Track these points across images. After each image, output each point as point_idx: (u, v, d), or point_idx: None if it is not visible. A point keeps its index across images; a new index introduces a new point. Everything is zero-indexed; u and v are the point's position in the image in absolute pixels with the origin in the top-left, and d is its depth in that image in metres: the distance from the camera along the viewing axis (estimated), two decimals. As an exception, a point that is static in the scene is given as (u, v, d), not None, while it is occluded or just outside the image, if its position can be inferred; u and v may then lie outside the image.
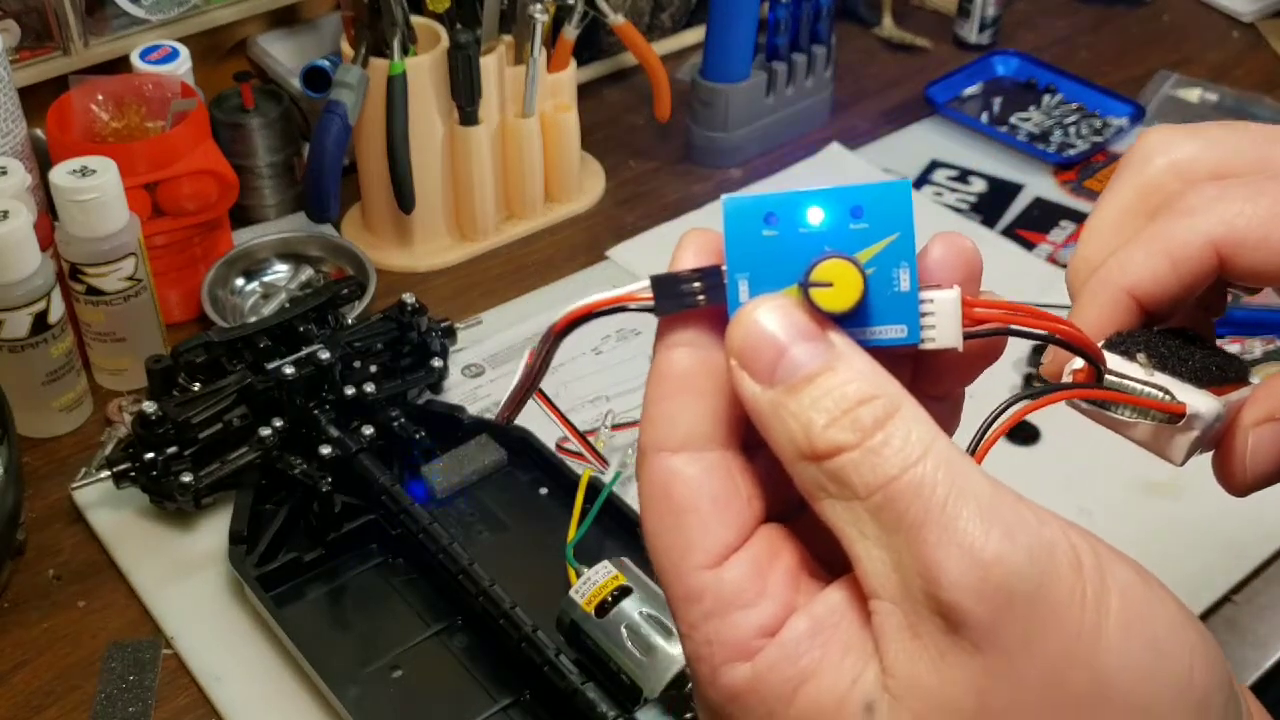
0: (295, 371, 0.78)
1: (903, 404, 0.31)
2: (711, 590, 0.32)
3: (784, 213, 0.33)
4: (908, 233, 0.34)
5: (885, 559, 0.30)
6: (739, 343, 0.32)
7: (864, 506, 0.30)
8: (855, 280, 0.31)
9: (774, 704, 0.31)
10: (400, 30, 0.93)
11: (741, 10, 1.06)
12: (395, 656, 0.71)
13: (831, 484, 0.30)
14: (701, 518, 0.32)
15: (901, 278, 0.33)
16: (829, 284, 0.31)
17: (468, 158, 0.98)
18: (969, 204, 1.08)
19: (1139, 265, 0.42)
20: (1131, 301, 0.42)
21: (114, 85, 0.94)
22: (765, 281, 0.33)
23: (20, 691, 0.72)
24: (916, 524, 0.29)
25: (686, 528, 0.32)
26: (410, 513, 0.74)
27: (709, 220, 1.04)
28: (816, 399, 0.31)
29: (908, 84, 1.22)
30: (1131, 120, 1.16)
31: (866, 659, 0.31)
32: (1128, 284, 0.42)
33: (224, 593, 0.76)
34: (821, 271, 0.31)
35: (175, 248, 0.93)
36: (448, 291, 0.99)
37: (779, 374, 0.31)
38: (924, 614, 0.30)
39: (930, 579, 0.29)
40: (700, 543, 0.32)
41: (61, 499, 0.82)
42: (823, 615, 0.32)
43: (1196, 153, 0.43)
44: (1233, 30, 1.32)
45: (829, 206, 0.33)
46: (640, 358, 0.92)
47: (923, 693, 0.30)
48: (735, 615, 0.32)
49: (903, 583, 0.30)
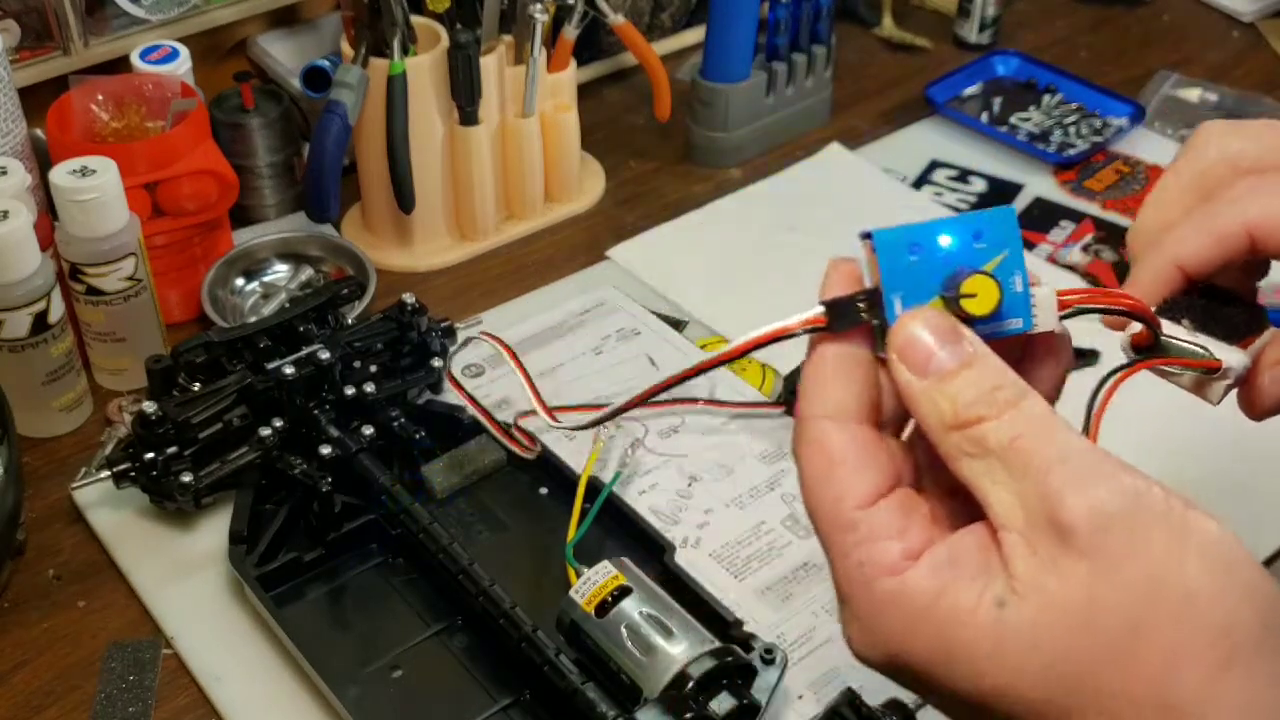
0: (295, 371, 0.78)
1: (1026, 389, 0.41)
2: (865, 523, 0.41)
3: (923, 241, 0.42)
4: (1017, 247, 0.43)
5: (1012, 498, 0.40)
6: (900, 345, 0.42)
7: (998, 459, 0.40)
8: (994, 291, 0.42)
9: (918, 609, 0.40)
10: (400, 30, 0.93)
11: (741, 10, 1.06)
12: (395, 656, 0.72)
13: (971, 446, 0.40)
14: (851, 468, 0.42)
15: (1016, 282, 0.43)
16: (974, 295, 0.42)
17: (468, 158, 0.98)
18: (969, 204, 1.08)
19: (1188, 242, 0.53)
20: (1179, 272, 0.53)
21: (114, 85, 0.94)
22: (913, 296, 0.42)
23: (20, 691, 0.72)
24: (1041, 469, 0.39)
25: (839, 477, 0.42)
26: (410, 513, 0.74)
27: (709, 220, 1.05)
28: (962, 387, 0.41)
29: (908, 84, 1.22)
30: (1131, 120, 1.16)
31: (994, 576, 0.40)
32: (1178, 258, 0.53)
33: (224, 593, 0.76)
34: (968, 285, 0.42)
35: (175, 248, 0.93)
36: (448, 291, 0.99)
37: (931, 368, 0.41)
38: (1042, 535, 0.39)
39: (1052, 505, 0.39)
40: (853, 488, 0.42)
41: (61, 499, 0.82)
42: (957, 547, 0.41)
43: (1243, 147, 0.54)
44: (1232, 30, 1.32)
45: (955, 233, 0.42)
46: (640, 358, 0.92)
47: (1043, 591, 0.39)
48: (885, 543, 0.41)
49: (1026, 514, 0.39)
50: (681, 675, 0.63)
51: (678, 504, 0.81)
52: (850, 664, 0.71)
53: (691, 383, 0.89)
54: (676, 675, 0.63)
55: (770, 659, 0.67)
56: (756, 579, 0.77)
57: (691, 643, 0.65)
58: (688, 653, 0.64)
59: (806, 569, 0.77)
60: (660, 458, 0.84)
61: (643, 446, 0.84)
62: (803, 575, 0.77)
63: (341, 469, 0.77)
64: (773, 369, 0.91)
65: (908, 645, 0.41)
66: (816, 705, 0.69)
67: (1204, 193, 0.54)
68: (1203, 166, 0.55)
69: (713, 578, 0.76)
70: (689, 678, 0.63)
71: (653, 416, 0.87)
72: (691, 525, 0.80)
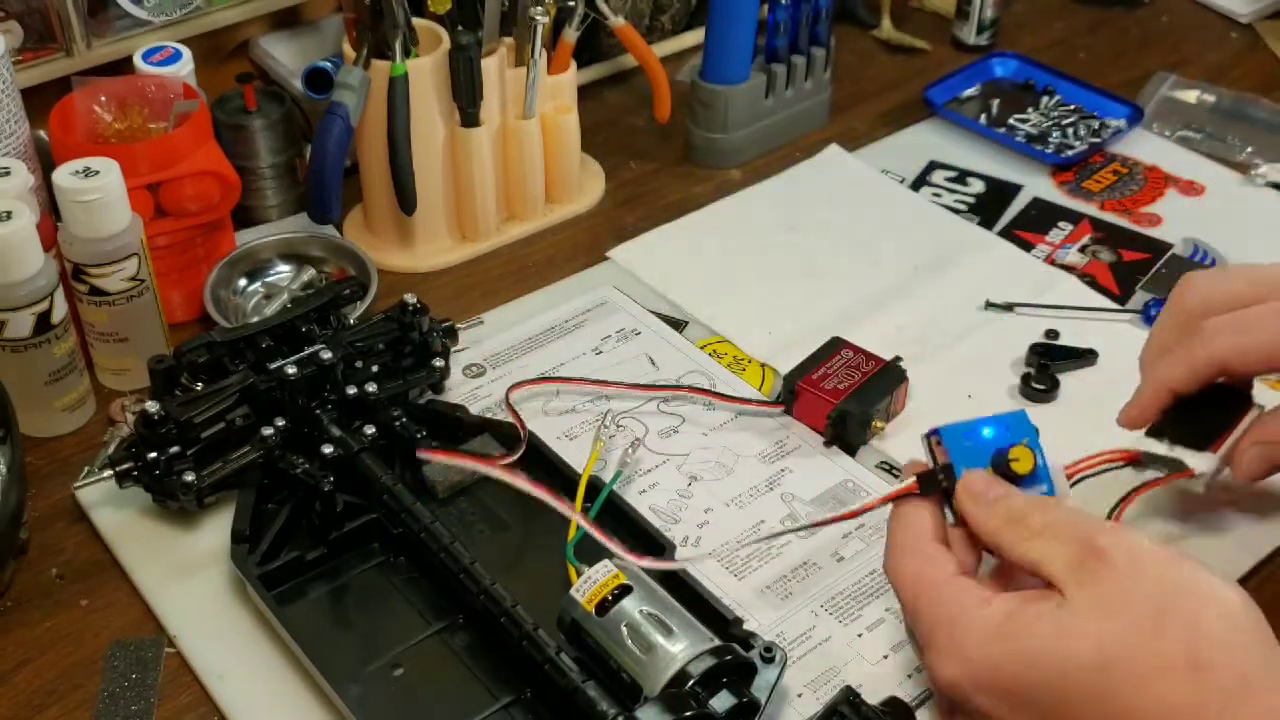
0: (297, 371, 0.79)
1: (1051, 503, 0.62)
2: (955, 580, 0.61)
3: (971, 432, 0.65)
4: (1034, 436, 0.65)
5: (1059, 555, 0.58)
6: (966, 484, 0.63)
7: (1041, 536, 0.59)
8: (1030, 457, 0.64)
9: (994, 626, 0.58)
10: (402, 32, 0.93)
11: (741, 12, 1.06)
12: (397, 655, 0.72)
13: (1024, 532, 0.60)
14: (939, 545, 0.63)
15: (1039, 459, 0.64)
16: (1018, 459, 0.63)
17: (469, 159, 0.99)
18: (967, 205, 1.08)
19: (1175, 372, 0.73)
20: (1170, 392, 0.73)
21: (117, 86, 0.94)
22: (971, 465, 0.64)
23: (23, 690, 0.72)
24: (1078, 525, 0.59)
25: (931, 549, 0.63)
26: (412, 512, 0.75)
27: (709, 221, 1.06)
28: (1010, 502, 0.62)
29: (906, 86, 1.22)
30: (1129, 122, 1.16)
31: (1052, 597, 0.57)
32: (1169, 382, 0.73)
33: (226, 591, 0.76)
34: (1015, 453, 0.63)
35: (178, 248, 0.93)
36: (449, 292, 0.99)
37: (989, 498, 0.62)
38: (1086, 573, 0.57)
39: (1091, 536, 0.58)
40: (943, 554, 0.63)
41: (64, 498, 0.82)
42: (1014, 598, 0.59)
43: (1215, 291, 0.73)
44: (1231, 31, 1.32)
45: (992, 427, 0.65)
46: (640, 358, 0.92)
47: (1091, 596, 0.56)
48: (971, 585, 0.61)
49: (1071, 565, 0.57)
50: (681, 673, 0.64)
51: (678, 503, 0.82)
52: (849, 662, 0.72)
53: (691, 381, 0.90)
54: (676, 673, 0.64)
55: (770, 657, 0.67)
56: (756, 578, 0.77)
57: (691, 641, 0.65)
58: (688, 651, 0.64)
59: (806, 568, 0.78)
60: (660, 457, 0.85)
61: (643, 446, 0.85)
62: (802, 574, 0.77)
63: (343, 468, 0.77)
64: (773, 369, 0.92)
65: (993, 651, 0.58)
66: (816, 703, 0.69)
67: (1185, 330, 0.73)
68: (1184, 308, 0.73)
69: (713, 576, 0.76)
70: (689, 676, 0.63)
71: (653, 416, 0.87)
72: (691, 525, 0.80)
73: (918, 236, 1.04)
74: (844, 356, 0.87)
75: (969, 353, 0.93)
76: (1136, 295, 0.99)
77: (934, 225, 1.06)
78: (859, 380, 0.86)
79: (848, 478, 0.83)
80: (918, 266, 1.01)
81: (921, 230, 1.05)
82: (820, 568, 0.78)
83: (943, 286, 0.99)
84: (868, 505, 0.66)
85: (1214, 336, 0.71)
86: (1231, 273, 0.75)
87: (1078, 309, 0.96)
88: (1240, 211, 1.08)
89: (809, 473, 0.84)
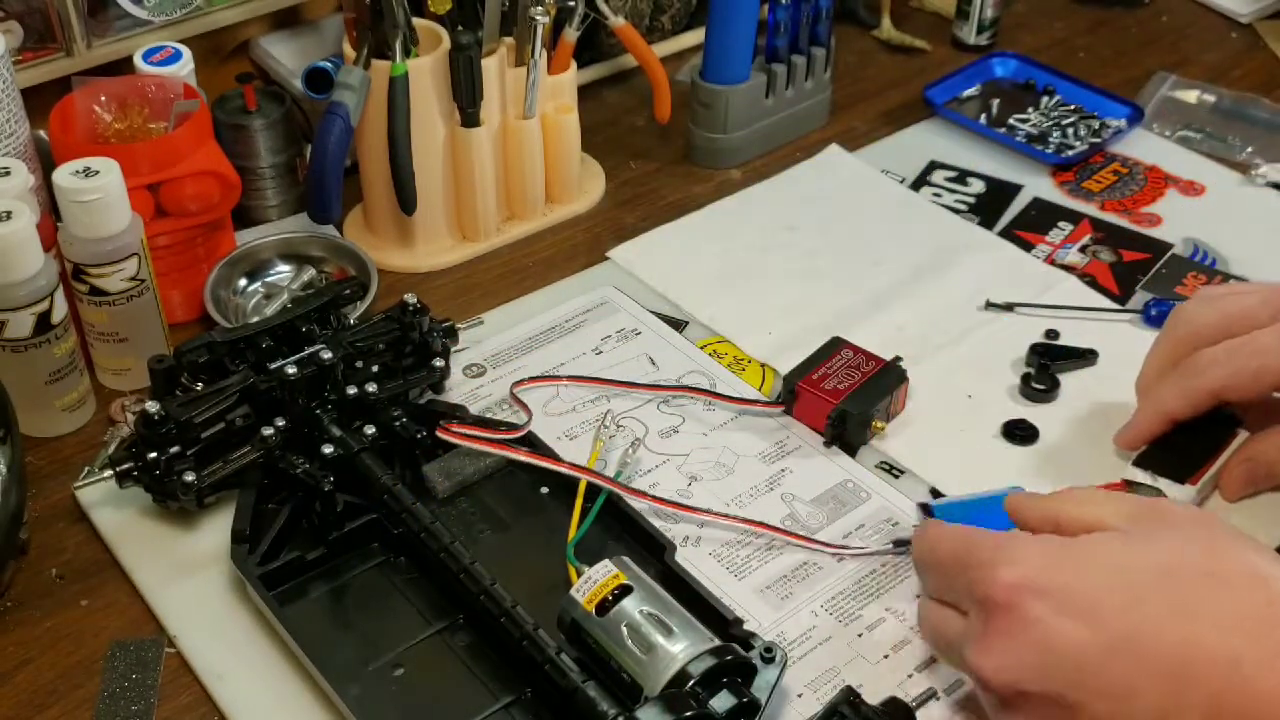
0: (297, 371, 0.79)
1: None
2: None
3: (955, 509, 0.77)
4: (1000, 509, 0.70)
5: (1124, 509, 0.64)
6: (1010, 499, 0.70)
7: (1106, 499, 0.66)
8: None
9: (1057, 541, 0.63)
10: (402, 32, 0.93)
11: (741, 12, 1.06)
12: (397, 655, 0.72)
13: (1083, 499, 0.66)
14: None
15: None
16: None
17: (469, 159, 0.99)
18: (967, 205, 1.08)
19: (1170, 400, 0.78)
20: (1166, 419, 0.78)
21: (117, 86, 0.94)
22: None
23: (23, 690, 0.72)
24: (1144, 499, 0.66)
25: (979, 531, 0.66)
26: (412, 512, 0.75)
27: (709, 221, 1.06)
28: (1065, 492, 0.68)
29: (906, 85, 1.22)
30: (1129, 122, 1.16)
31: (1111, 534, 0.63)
32: (1165, 410, 0.78)
33: (226, 591, 0.76)
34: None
35: (178, 248, 0.93)
36: (449, 292, 0.99)
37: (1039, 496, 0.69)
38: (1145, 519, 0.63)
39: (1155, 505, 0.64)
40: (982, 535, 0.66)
41: (64, 498, 0.82)
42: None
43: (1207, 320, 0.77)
44: (1231, 31, 1.32)
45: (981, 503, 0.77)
46: (640, 358, 0.92)
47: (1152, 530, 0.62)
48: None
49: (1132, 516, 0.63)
50: (682, 673, 0.64)
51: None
52: (849, 662, 0.72)
53: (692, 381, 0.90)
54: (677, 673, 0.64)
55: (770, 657, 0.67)
56: (756, 578, 0.77)
57: (692, 641, 0.65)
58: (688, 651, 0.64)
59: (806, 568, 0.78)
60: (660, 457, 0.85)
61: (643, 446, 0.85)
62: (802, 574, 0.77)
63: (343, 468, 0.77)
64: (773, 369, 0.92)
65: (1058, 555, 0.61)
66: (816, 703, 0.69)
67: (1177, 359, 0.78)
68: (1177, 338, 0.79)
69: (713, 576, 0.76)
70: (689, 676, 0.63)
71: (653, 416, 0.87)
72: (692, 524, 0.80)
73: (918, 236, 1.04)
74: (844, 356, 0.88)
75: (969, 353, 0.93)
76: (1137, 295, 0.99)
77: (934, 225, 1.06)
78: (859, 380, 0.86)
79: (848, 478, 0.83)
80: (918, 266, 1.01)
81: (922, 230, 1.05)
82: (820, 568, 0.78)
83: (943, 286, 0.99)
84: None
85: (1207, 369, 0.76)
86: (1217, 302, 0.78)
87: (1078, 309, 0.96)
88: (1240, 211, 1.08)
89: (809, 473, 0.84)
